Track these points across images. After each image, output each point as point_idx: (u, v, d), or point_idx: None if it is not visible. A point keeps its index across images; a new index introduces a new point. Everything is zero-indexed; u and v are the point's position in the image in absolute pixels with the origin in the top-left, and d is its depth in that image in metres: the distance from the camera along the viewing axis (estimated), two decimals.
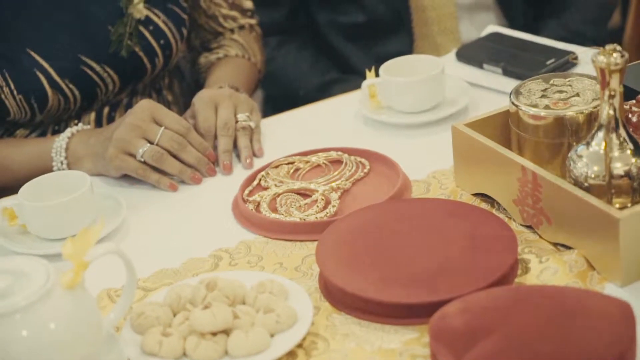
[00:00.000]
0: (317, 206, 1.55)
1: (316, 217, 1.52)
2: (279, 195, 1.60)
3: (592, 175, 1.34)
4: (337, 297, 1.33)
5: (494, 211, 1.47)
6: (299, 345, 1.24)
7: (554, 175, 1.36)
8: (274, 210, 1.57)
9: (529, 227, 1.42)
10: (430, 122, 1.79)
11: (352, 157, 1.68)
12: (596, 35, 2.49)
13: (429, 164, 1.64)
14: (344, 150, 1.70)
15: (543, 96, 1.50)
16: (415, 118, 1.79)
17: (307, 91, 2.41)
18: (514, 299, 1.21)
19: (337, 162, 1.68)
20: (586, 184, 1.34)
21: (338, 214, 1.54)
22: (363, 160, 1.67)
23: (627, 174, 1.32)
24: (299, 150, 1.72)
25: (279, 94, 2.53)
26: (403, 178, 1.58)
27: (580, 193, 1.31)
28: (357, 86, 1.91)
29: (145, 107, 1.70)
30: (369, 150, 1.69)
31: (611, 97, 1.31)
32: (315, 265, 1.41)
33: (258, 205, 1.58)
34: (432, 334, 1.18)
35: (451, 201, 1.51)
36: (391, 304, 1.28)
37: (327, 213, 1.53)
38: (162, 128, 1.68)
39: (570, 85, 1.51)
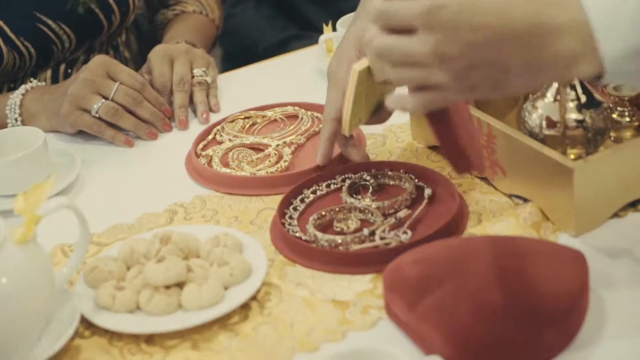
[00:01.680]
0: (269, 161, 1.54)
1: (267, 172, 1.51)
2: (231, 149, 1.59)
3: (547, 126, 1.34)
4: (291, 245, 1.33)
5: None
6: (253, 298, 1.24)
7: (508, 126, 1.36)
8: (226, 164, 1.55)
9: (484, 178, 1.42)
10: None
11: (309, 113, 1.67)
12: None
13: None
14: (301, 105, 1.70)
15: None
16: None
17: (265, 48, 2.40)
18: (467, 249, 1.21)
19: (294, 117, 1.68)
20: (541, 135, 1.34)
21: (289, 168, 1.53)
22: (319, 115, 1.65)
23: (582, 125, 1.32)
24: (255, 105, 1.71)
25: (237, 51, 2.52)
26: (357, 132, 1.57)
27: (535, 144, 1.31)
28: (316, 42, 1.91)
29: (99, 62, 1.68)
30: None
31: None
32: (270, 219, 1.40)
33: (210, 160, 1.57)
34: (386, 284, 1.18)
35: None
36: (341, 252, 1.29)
37: (278, 168, 1.52)
38: (117, 83, 1.67)
39: None
